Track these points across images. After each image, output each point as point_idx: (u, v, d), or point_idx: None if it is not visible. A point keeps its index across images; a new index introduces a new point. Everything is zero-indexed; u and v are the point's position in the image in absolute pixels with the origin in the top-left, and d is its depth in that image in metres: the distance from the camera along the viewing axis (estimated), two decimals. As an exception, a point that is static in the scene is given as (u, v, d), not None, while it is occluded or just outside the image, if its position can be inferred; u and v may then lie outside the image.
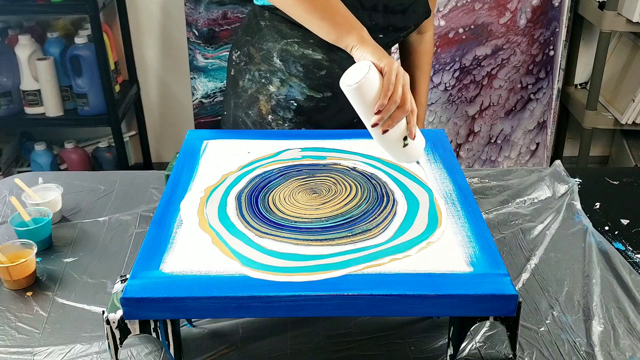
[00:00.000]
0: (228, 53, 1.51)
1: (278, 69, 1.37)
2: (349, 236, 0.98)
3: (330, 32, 1.17)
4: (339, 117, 1.42)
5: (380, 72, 1.07)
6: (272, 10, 1.35)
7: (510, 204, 1.39)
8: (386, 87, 1.05)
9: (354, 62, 1.13)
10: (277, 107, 1.39)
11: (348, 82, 1.06)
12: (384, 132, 1.07)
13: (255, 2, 1.40)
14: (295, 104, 1.38)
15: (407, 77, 1.08)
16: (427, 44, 1.53)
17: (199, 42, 2.66)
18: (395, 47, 1.64)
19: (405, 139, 1.10)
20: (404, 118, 1.08)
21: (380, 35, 1.33)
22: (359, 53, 1.12)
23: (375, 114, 1.05)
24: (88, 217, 1.34)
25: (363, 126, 1.32)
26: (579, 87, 2.95)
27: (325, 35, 1.19)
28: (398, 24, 1.34)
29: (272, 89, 1.38)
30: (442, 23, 2.58)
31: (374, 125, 1.06)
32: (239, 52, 1.44)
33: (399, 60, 1.58)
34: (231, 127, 1.47)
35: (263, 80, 1.39)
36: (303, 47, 1.34)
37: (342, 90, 1.08)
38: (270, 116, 1.40)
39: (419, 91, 1.54)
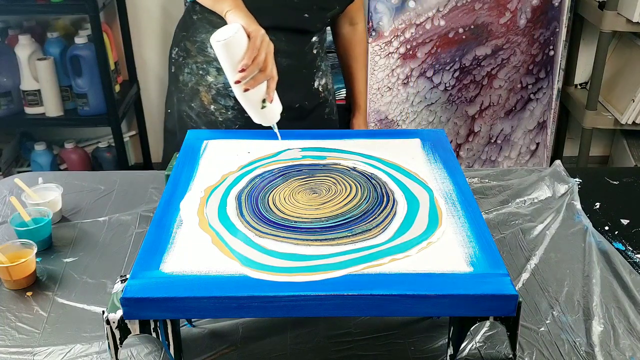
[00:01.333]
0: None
1: (213, 59, 1.43)
2: (349, 236, 0.98)
3: None
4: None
5: (249, 36, 1.16)
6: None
7: (510, 204, 1.39)
8: (251, 49, 1.14)
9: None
10: (217, 96, 1.45)
11: (218, 38, 1.14)
12: (245, 90, 1.16)
13: None
14: None
15: (271, 46, 1.18)
16: (360, 35, 1.60)
17: (199, 42, 2.65)
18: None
19: (264, 101, 1.20)
20: (265, 82, 1.18)
21: (306, 15, 1.40)
22: (231, 17, 1.21)
23: (239, 72, 1.14)
24: (88, 217, 1.34)
25: (308, 112, 1.51)
26: (579, 87, 2.95)
27: (205, 2, 1.31)
28: (321, 4, 1.41)
29: (210, 79, 1.44)
30: (442, 23, 2.58)
31: (237, 82, 1.15)
32: (177, 49, 1.50)
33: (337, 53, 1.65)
34: (176, 123, 1.52)
35: (201, 72, 1.45)
36: None
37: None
38: (212, 106, 1.45)
39: (358, 80, 1.61)
